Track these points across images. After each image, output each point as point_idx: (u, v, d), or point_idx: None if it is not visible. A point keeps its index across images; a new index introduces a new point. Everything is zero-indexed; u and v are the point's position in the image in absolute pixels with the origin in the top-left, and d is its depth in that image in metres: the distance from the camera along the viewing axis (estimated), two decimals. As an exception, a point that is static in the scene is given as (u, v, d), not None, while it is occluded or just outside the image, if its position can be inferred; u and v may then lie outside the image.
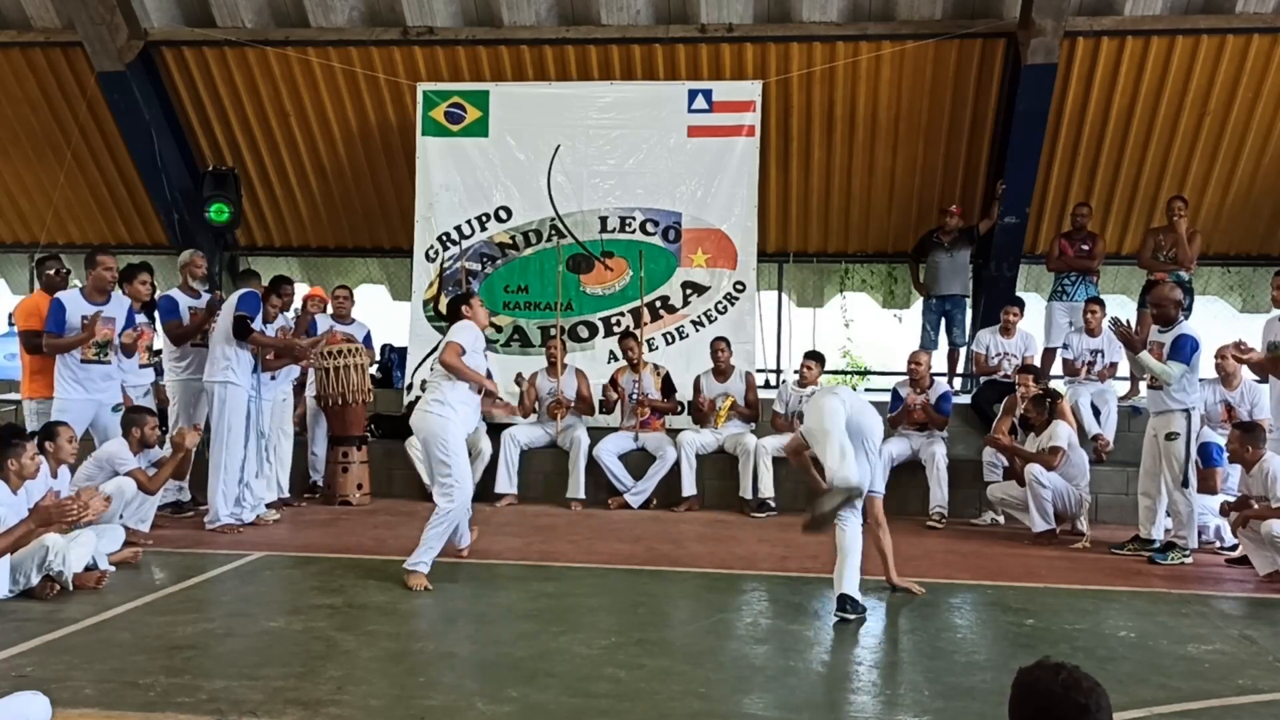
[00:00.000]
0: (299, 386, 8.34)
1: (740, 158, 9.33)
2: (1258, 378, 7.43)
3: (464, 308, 6.01)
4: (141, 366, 7.50)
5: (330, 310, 8.78)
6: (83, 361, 6.72)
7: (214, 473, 7.01)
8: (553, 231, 9.50)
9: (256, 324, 7.08)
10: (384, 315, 11.51)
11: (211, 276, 9.12)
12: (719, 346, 8.65)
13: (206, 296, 7.70)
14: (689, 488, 8.35)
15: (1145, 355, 6.64)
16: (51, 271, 7.24)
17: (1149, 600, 5.64)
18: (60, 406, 6.66)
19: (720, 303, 9.32)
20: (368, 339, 8.79)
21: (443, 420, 5.66)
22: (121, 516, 6.25)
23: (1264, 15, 8.87)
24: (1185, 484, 6.57)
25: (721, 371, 8.70)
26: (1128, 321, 6.85)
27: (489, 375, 6.11)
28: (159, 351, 7.79)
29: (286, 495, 7.98)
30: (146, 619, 4.80)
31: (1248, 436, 6.36)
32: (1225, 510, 6.70)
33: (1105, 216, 10.11)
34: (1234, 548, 6.77)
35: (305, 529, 7.30)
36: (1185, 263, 9.01)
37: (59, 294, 6.91)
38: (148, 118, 10.11)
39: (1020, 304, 9.19)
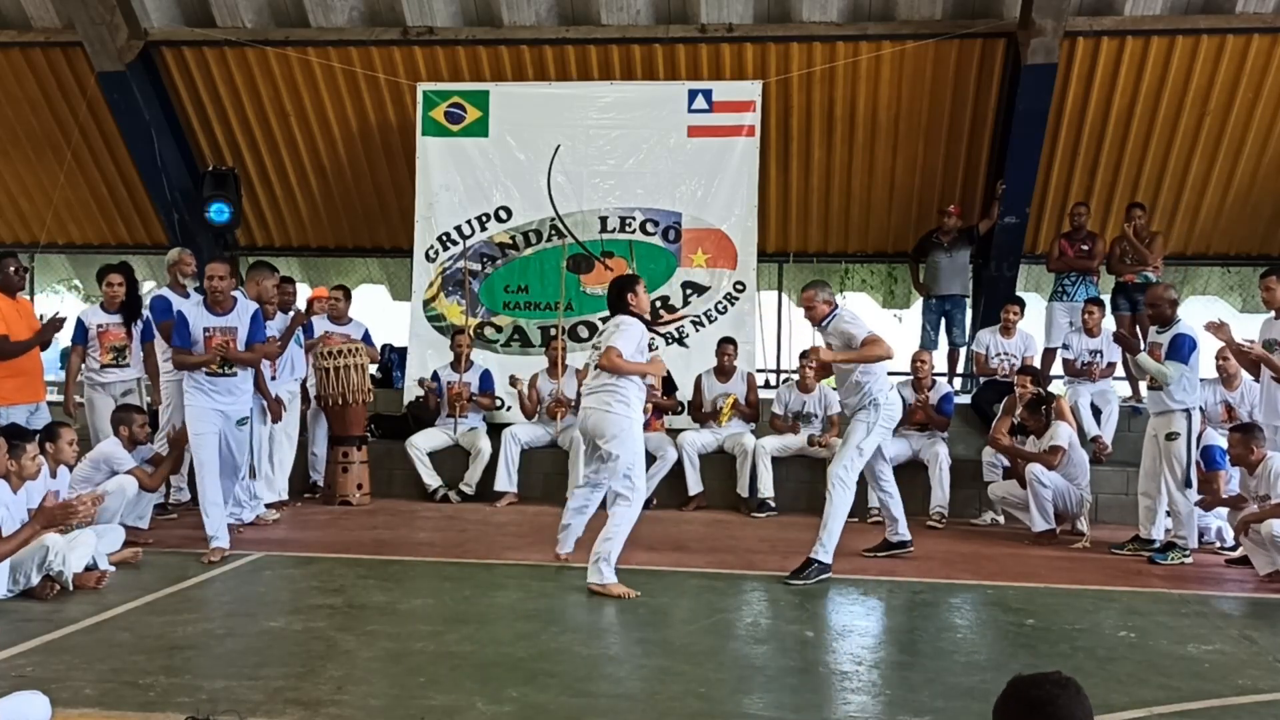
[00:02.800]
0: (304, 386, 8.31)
1: (740, 158, 9.33)
2: (1254, 377, 7.43)
3: (630, 295, 5.71)
4: (104, 367, 7.40)
5: (326, 311, 8.75)
6: (208, 374, 6.27)
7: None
8: (553, 231, 9.50)
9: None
10: (384, 315, 11.52)
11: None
12: (726, 349, 8.64)
13: (197, 295, 7.66)
14: (695, 485, 8.37)
15: (1144, 356, 6.64)
16: (11, 270, 6.82)
17: (1149, 600, 5.64)
18: (192, 415, 6.30)
19: (720, 303, 9.32)
20: (366, 337, 8.74)
21: (629, 422, 5.59)
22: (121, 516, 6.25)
23: (1264, 15, 8.87)
24: (1188, 484, 6.57)
25: (724, 371, 8.70)
26: (1135, 325, 6.87)
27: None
28: (121, 349, 7.49)
29: (285, 496, 7.97)
30: (146, 619, 4.80)
31: (1249, 437, 6.37)
32: (1209, 505, 6.71)
33: (1105, 216, 10.11)
34: (1234, 548, 6.77)
35: (305, 529, 7.29)
36: (1148, 262, 9.12)
37: (180, 307, 6.65)
38: (148, 118, 10.11)
39: (1020, 303, 9.19)
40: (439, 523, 7.63)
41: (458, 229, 9.55)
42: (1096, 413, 8.61)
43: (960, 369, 9.95)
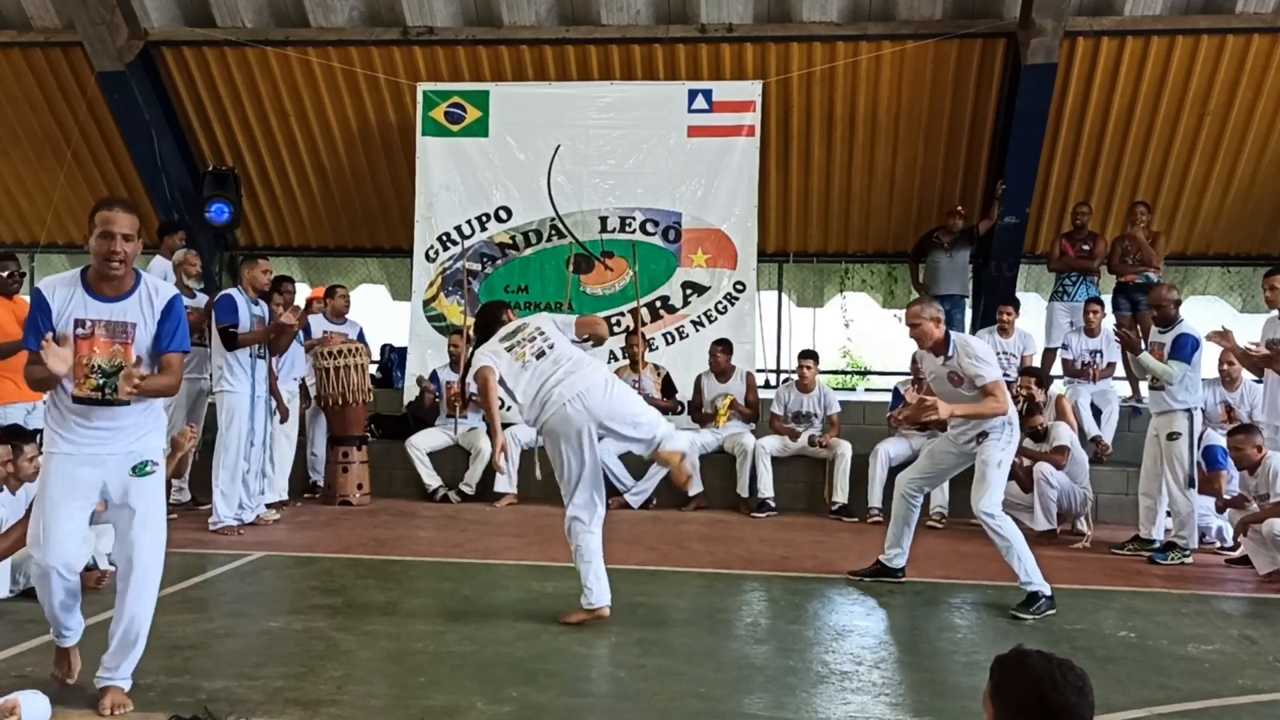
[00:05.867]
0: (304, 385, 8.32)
1: (740, 158, 9.33)
2: (1256, 378, 7.43)
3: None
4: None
5: (328, 310, 8.76)
6: (78, 400, 6.11)
7: (216, 475, 7.04)
8: (553, 231, 9.50)
9: (244, 323, 7.04)
10: (384, 315, 11.52)
11: (211, 276, 9.12)
12: (714, 352, 8.64)
13: (202, 296, 7.68)
14: (695, 485, 8.35)
15: (1146, 357, 6.64)
16: (5, 274, 6.66)
17: (1149, 600, 5.65)
18: (48, 474, 6.37)
19: (720, 303, 9.32)
20: (360, 337, 8.78)
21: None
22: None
23: (1264, 15, 8.87)
24: (1191, 484, 6.58)
25: (722, 372, 8.70)
26: (1135, 324, 6.85)
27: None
28: None
29: (285, 496, 7.96)
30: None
31: (1249, 437, 6.38)
32: (1221, 507, 6.73)
33: (1105, 216, 10.11)
34: (1234, 548, 6.77)
35: (305, 529, 7.29)
36: (1151, 263, 9.13)
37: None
38: (148, 118, 10.11)
39: (1015, 303, 9.21)
40: (439, 523, 7.63)
41: (458, 229, 9.55)
42: (1096, 413, 8.61)
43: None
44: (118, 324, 3.64)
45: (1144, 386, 7.82)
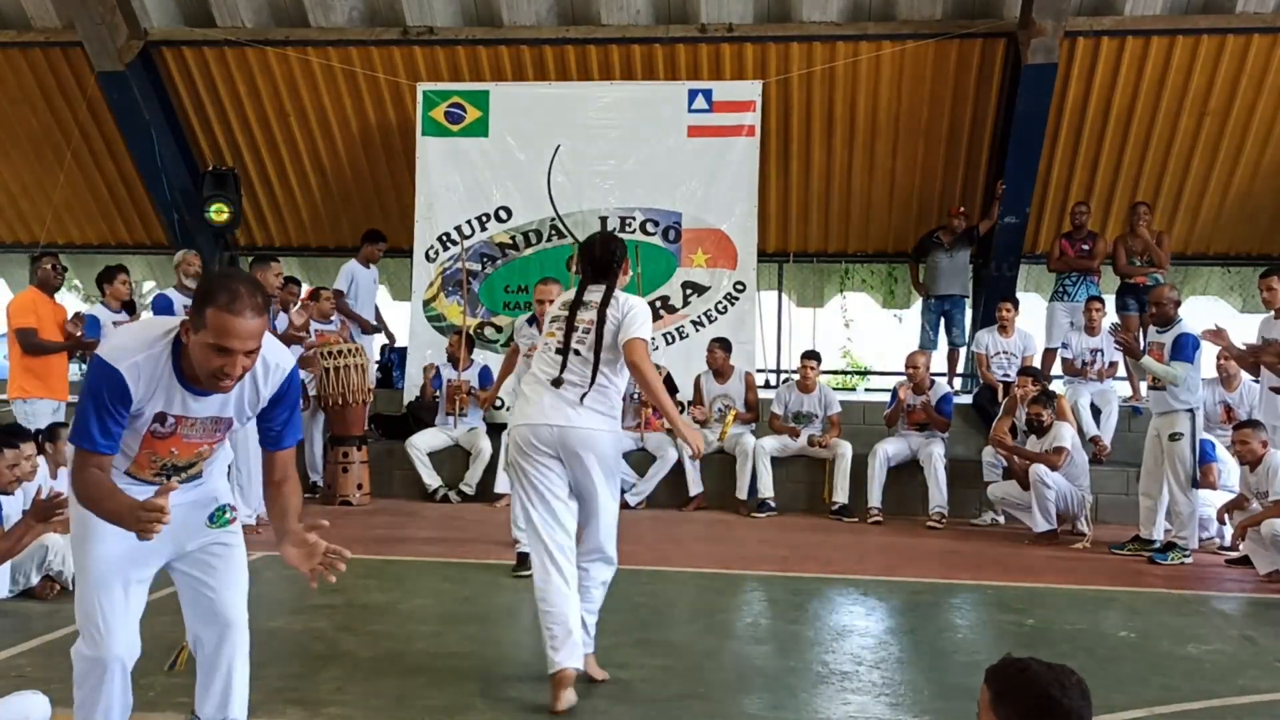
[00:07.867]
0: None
1: (740, 158, 9.33)
2: (1254, 377, 7.43)
3: (627, 262, 4.07)
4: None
5: (314, 313, 8.76)
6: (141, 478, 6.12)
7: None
8: (553, 231, 9.50)
9: None
10: (384, 315, 11.50)
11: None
12: (713, 349, 8.65)
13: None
14: (695, 485, 8.36)
15: (1148, 360, 6.64)
16: (49, 266, 7.11)
17: (1149, 600, 5.65)
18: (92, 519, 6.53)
19: (720, 303, 9.32)
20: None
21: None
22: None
23: (1264, 15, 8.87)
24: (1194, 484, 6.57)
25: (720, 373, 8.70)
26: (1137, 325, 6.85)
27: None
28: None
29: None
30: (146, 619, 4.76)
31: (1254, 432, 6.37)
32: (1221, 514, 6.71)
33: (1105, 216, 10.11)
34: (1234, 547, 6.77)
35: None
36: (1161, 265, 9.10)
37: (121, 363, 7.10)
38: (148, 118, 10.11)
39: (1015, 301, 9.20)
40: (439, 523, 7.63)
41: (458, 229, 9.55)
42: (1096, 413, 8.60)
43: (960, 369, 9.94)
44: (211, 421, 2.77)
45: (1144, 386, 7.82)
